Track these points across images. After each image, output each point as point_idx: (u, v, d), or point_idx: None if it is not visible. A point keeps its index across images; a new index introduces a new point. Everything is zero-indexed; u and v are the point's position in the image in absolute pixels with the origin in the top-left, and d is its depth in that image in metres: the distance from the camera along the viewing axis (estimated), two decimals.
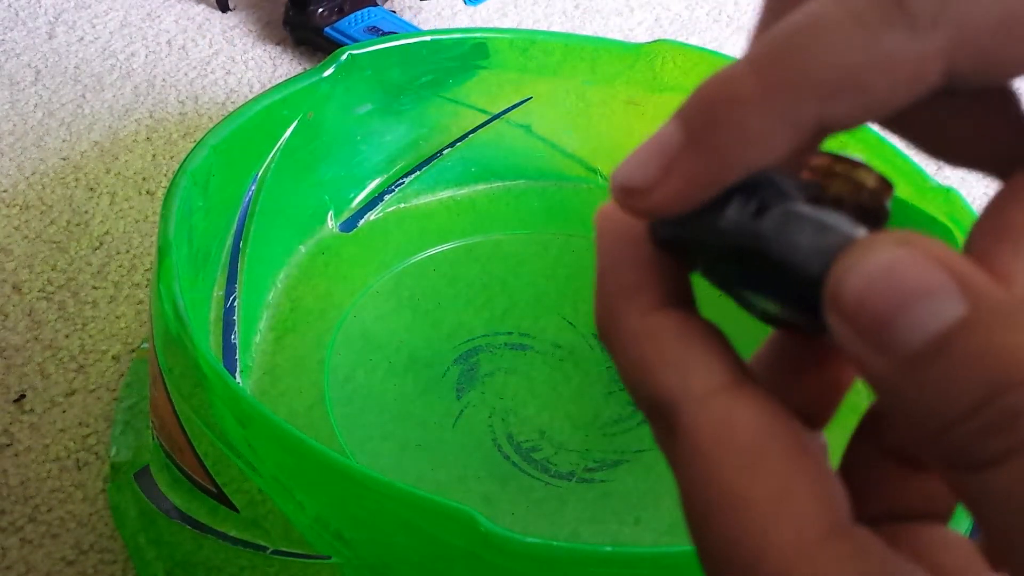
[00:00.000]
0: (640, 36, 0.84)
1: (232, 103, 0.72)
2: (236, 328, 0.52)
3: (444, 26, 0.82)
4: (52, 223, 0.62)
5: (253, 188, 0.54)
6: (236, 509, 0.41)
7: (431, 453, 0.50)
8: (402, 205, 0.62)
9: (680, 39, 0.70)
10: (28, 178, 0.64)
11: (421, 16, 0.83)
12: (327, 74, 0.56)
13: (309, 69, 0.57)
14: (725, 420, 0.15)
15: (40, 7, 0.78)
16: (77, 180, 0.65)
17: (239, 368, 0.52)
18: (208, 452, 0.41)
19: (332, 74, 0.56)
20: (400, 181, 0.62)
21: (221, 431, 0.39)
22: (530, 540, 0.34)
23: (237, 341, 0.52)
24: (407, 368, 0.54)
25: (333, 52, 0.57)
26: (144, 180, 0.65)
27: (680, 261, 0.17)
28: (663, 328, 0.16)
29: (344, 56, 0.57)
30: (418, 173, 0.63)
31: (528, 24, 0.84)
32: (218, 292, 0.52)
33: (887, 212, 0.16)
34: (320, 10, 0.75)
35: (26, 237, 0.61)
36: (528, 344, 0.56)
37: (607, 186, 0.73)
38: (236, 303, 0.53)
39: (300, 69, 0.76)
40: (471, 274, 0.60)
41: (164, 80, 0.73)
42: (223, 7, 0.79)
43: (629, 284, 0.17)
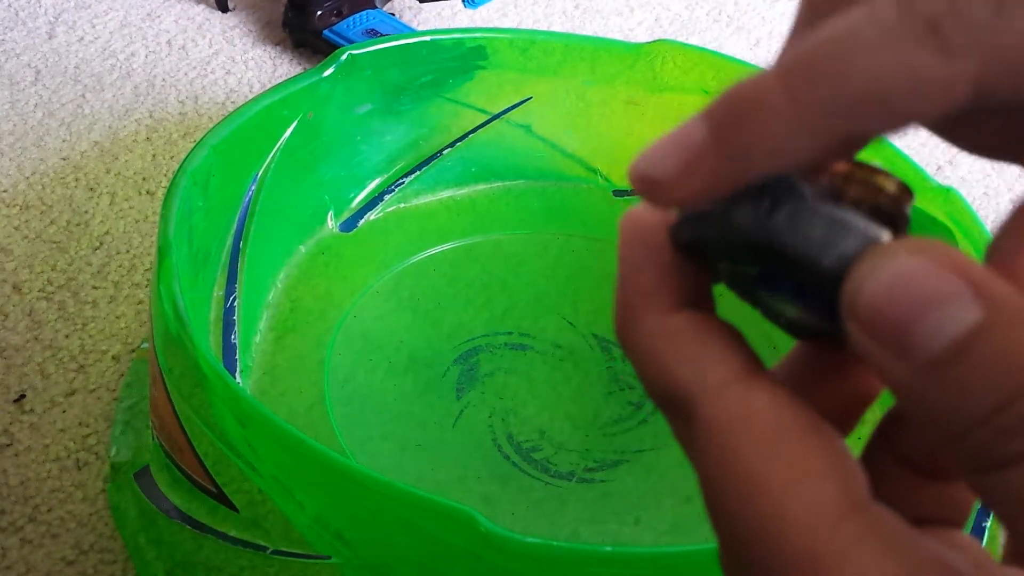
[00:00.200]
0: (640, 36, 0.84)
1: (232, 103, 0.72)
2: (236, 328, 0.52)
3: (444, 26, 0.82)
4: (52, 223, 0.62)
5: (253, 188, 0.54)
6: (236, 509, 0.41)
7: (431, 453, 0.50)
8: (402, 205, 0.62)
9: (680, 39, 0.70)
10: (28, 178, 0.64)
11: (421, 16, 0.83)
12: (327, 74, 0.56)
13: (309, 69, 0.57)
14: (741, 407, 0.15)
15: (40, 7, 0.78)
16: (77, 180, 0.65)
17: (239, 368, 0.52)
18: (208, 452, 0.41)
19: (332, 74, 0.56)
20: (400, 181, 0.62)
21: (221, 431, 0.39)
22: (530, 540, 0.34)
23: (237, 341, 0.52)
24: (407, 368, 0.54)
25: (332, 53, 0.57)
26: (144, 180, 0.65)
27: (703, 268, 0.18)
28: (679, 327, 0.17)
29: (344, 56, 0.57)
30: (418, 173, 0.63)
31: (528, 24, 0.84)
32: (218, 292, 0.52)
33: (907, 218, 0.16)
34: (319, 12, 0.75)
35: (26, 237, 0.61)
36: (528, 344, 0.56)
37: (607, 186, 0.73)
38: (236, 303, 0.53)
39: (300, 70, 0.76)
40: (471, 274, 0.60)
41: (164, 80, 0.73)
42: (223, 7, 0.79)
43: (647, 287, 0.17)
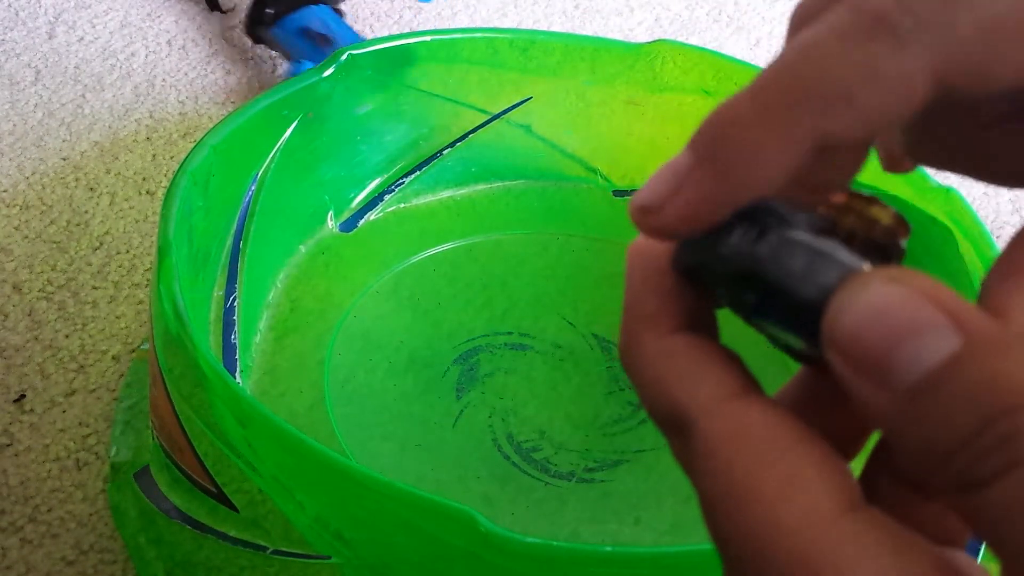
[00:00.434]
0: (640, 36, 0.84)
1: (232, 103, 0.72)
2: (236, 328, 0.52)
3: (445, 26, 0.82)
4: (52, 223, 0.62)
5: (253, 188, 0.54)
6: (236, 509, 0.41)
7: (431, 453, 0.50)
8: (402, 205, 0.62)
9: (680, 39, 0.70)
10: (28, 178, 0.64)
11: (421, 16, 0.83)
12: (327, 74, 0.56)
13: (309, 69, 0.57)
14: (735, 422, 0.16)
15: (40, 7, 0.78)
16: (77, 180, 0.65)
17: (239, 368, 0.52)
18: (208, 452, 0.41)
19: (332, 74, 0.56)
20: (400, 181, 0.62)
21: (221, 431, 0.39)
22: (530, 540, 0.34)
23: (237, 341, 0.52)
24: (407, 368, 0.54)
25: (335, 52, 0.57)
26: (144, 180, 0.65)
27: (704, 292, 0.18)
28: (677, 348, 0.17)
29: (344, 56, 0.57)
30: (418, 173, 0.63)
31: (528, 24, 0.84)
32: (218, 292, 0.52)
33: (901, 250, 0.17)
34: (269, 10, 0.73)
35: (26, 237, 0.61)
36: (528, 344, 0.56)
37: (607, 186, 0.73)
38: (236, 303, 0.53)
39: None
40: (471, 274, 0.60)
41: (164, 80, 0.73)
42: (213, 6, 0.79)
43: (649, 312, 0.18)
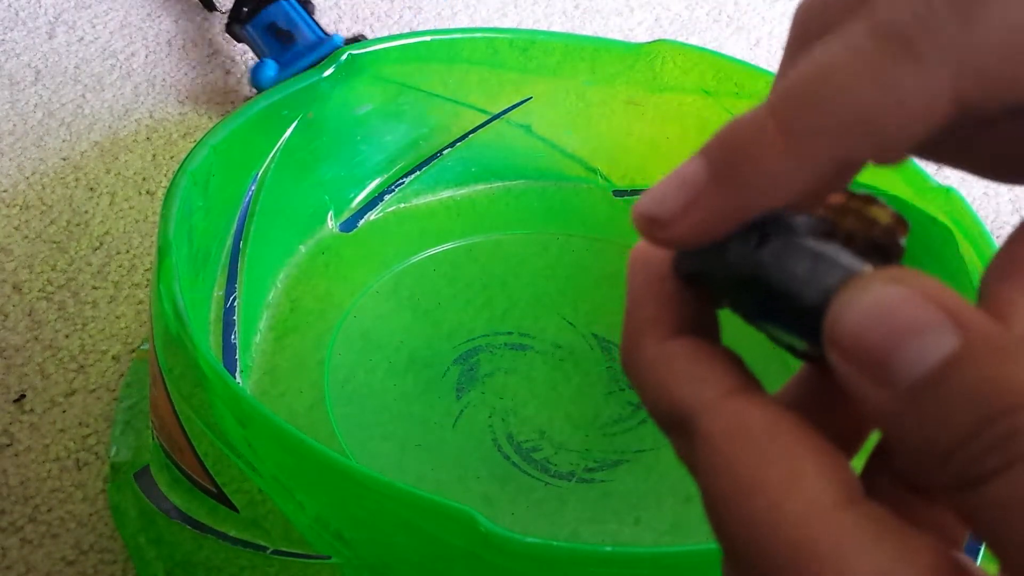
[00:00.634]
0: (640, 36, 0.84)
1: (232, 103, 0.72)
2: (236, 328, 0.52)
3: (445, 26, 0.82)
4: (52, 223, 0.62)
5: (253, 188, 0.54)
6: (236, 509, 0.41)
7: (431, 453, 0.50)
8: (402, 205, 0.62)
9: (680, 39, 0.70)
10: (28, 178, 0.64)
11: (421, 16, 0.83)
12: (327, 74, 0.56)
13: (309, 69, 0.57)
14: (736, 418, 0.16)
15: (40, 7, 0.78)
16: (77, 180, 0.65)
17: (239, 368, 0.52)
18: (208, 452, 0.41)
19: (332, 74, 0.56)
20: (400, 181, 0.62)
21: (221, 431, 0.39)
22: (530, 540, 0.34)
23: (237, 341, 0.52)
24: (407, 368, 0.54)
25: (335, 52, 0.57)
26: (144, 180, 0.65)
27: (706, 295, 0.19)
28: (677, 351, 0.18)
29: (344, 56, 0.57)
30: (418, 173, 0.63)
31: (528, 24, 0.84)
32: (218, 292, 0.52)
33: (901, 248, 0.17)
34: (244, 8, 0.73)
35: (26, 237, 0.61)
36: (528, 344, 0.56)
37: (607, 186, 0.73)
38: (236, 303, 0.53)
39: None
40: (471, 274, 0.60)
41: (164, 80, 0.73)
42: (209, 6, 0.79)
43: (649, 317, 0.18)
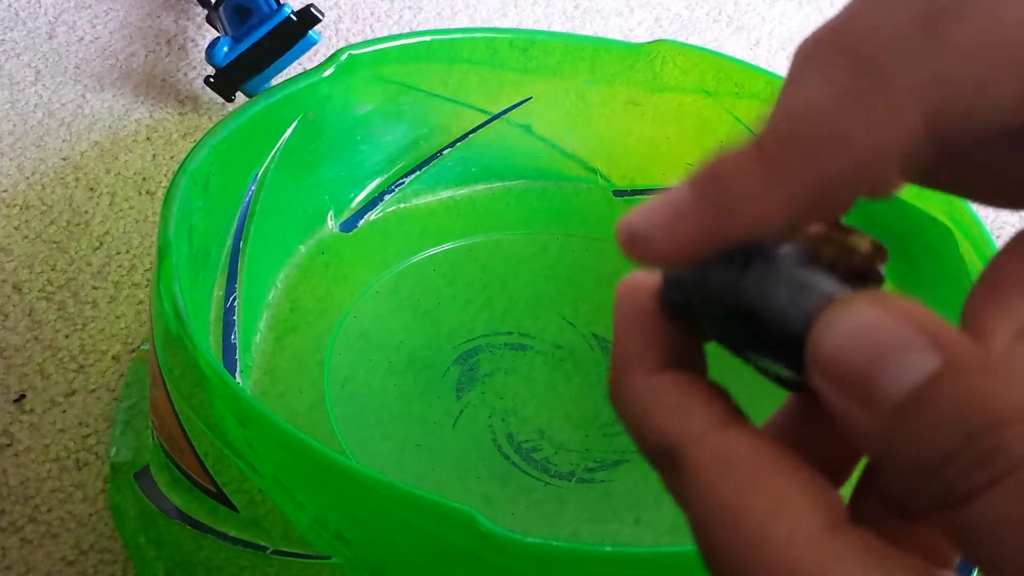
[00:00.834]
0: (640, 36, 0.84)
1: (232, 104, 0.72)
2: (236, 328, 0.52)
3: (445, 26, 0.82)
4: (52, 223, 0.62)
5: (253, 188, 0.54)
6: (236, 509, 0.41)
7: (431, 453, 0.50)
8: (402, 205, 0.62)
9: (680, 39, 0.70)
10: (28, 178, 0.64)
11: (421, 16, 0.83)
12: (327, 74, 0.56)
13: (309, 69, 0.57)
14: (722, 449, 0.16)
15: (40, 7, 0.78)
16: (77, 180, 0.65)
17: (239, 368, 0.52)
18: (208, 452, 0.41)
19: (332, 74, 0.56)
20: (400, 181, 0.62)
21: (221, 431, 0.39)
22: (530, 540, 0.34)
23: (237, 341, 0.52)
24: (407, 368, 0.54)
25: (335, 52, 0.57)
26: (144, 180, 0.65)
27: (692, 328, 0.19)
28: (664, 385, 0.18)
29: (344, 56, 0.57)
30: (418, 173, 0.63)
31: (528, 24, 0.84)
32: (218, 292, 0.52)
33: (880, 275, 0.17)
34: None
35: (26, 237, 0.61)
36: (528, 344, 0.56)
37: (607, 186, 0.73)
38: (236, 303, 0.53)
39: (299, 69, 0.76)
40: (471, 274, 0.60)
41: (164, 80, 0.73)
42: (206, 5, 0.79)
43: (636, 350, 0.19)
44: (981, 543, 0.14)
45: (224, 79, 0.69)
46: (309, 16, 0.68)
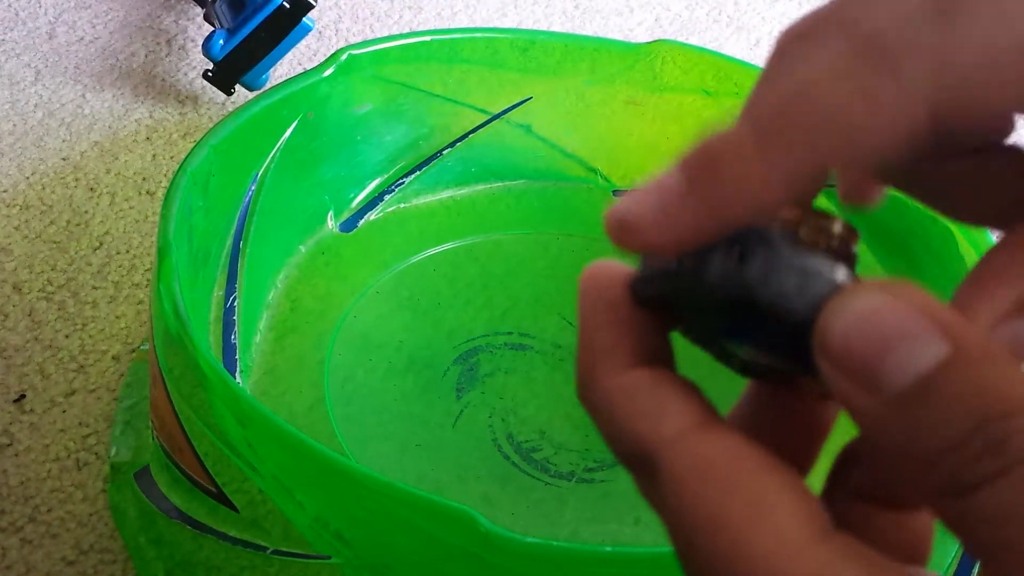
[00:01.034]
0: (640, 36, 0.84)
1: (232, 103, 0.72)
2: (236, 328, 0.52)
3: (445, 26, 0.82)
4: (52, 223, 0.62)
5: (253, 188, 0.54)
6: (236, 509, 0.41)
7: (431, 453, 0.50)
8: (402, 205, 0.62)
9: (680, 39, 0.70)
10: (28, 178, 0.64)
11: (421, 16, 0.83)
12: (327, 74, 0.56)
13: (309, 69, 0.57)
14: (698, 453, 0.16)
15: (40, 7, 0.78)
16: (77, 180, 0.65)
17: (239, 368, 0.52)
18: (208, 452, 0.41)
19: (332, 74, 0.56)
20: (400, 181, 0.62)
21: (221, 431, 0.39)
22: (530, 540, 0.34)
23: (237, 341, 0.52)
24: (407, 368, 0.54)
25: (335, 52, 0.57)
26: (144, 180, 0.65)
27: (661, 319, 0.18)
28: (635, 384, 0.17)
29: (344, 56, 0.57)
30: (418, 173, 0.63)
31: (528, 24, 0.84)
32: (218, 292, 0.52)
33: (855, 257, 0.17)
34: None
35: (26, 237, 0.61)
36: (528, 344, 0.56)
37: (607, 186, 0.73)
38: (236, 303, 0.53)
39: (299, 69, 0.76)
40: (471, 274, 0.60)
41: (164, 80, 0.73)
42: (201, 2, 0.79)
43: (605, 346, 0.18)
44: (982, 532, 0.14)
45: (222, 72, 0.69)
46: (302, 3, 0.68)
